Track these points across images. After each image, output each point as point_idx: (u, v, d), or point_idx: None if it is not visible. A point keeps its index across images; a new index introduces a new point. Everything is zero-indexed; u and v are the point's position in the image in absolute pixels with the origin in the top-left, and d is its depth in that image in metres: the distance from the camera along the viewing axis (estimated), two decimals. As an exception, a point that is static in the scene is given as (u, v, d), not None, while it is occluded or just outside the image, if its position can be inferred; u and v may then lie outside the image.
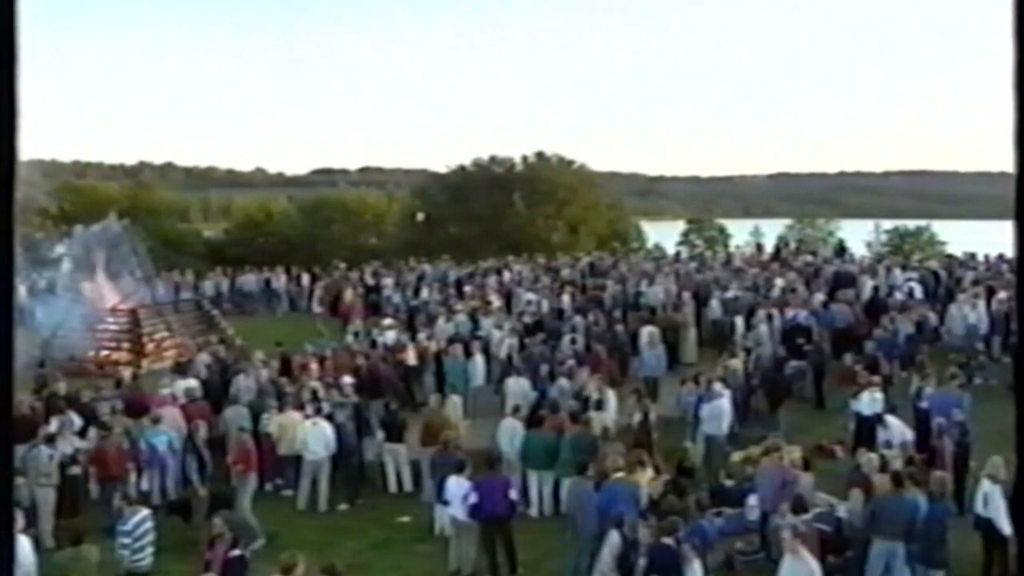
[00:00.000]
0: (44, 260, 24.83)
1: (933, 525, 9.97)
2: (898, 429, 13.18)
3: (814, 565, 8.71)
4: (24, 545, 9.22)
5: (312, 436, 13.37)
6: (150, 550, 10.15)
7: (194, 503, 12.41)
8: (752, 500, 11.31)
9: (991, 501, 10.20)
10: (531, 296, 23.75)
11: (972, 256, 26.80)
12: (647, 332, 19.05)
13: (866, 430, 13.62)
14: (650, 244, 44.32)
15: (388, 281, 28.07)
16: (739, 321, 20.77)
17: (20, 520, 9.89)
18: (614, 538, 9.51)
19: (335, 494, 13.52)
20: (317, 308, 27.08)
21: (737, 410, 14.61)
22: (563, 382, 15.57)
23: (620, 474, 11.01)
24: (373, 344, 19.51)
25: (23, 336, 18.42)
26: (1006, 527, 9.90)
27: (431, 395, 15.65)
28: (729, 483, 12.37)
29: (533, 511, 12.76)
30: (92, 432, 13.54)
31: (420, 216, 42.70)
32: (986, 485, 10.38)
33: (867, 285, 23.06)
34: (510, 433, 13.35)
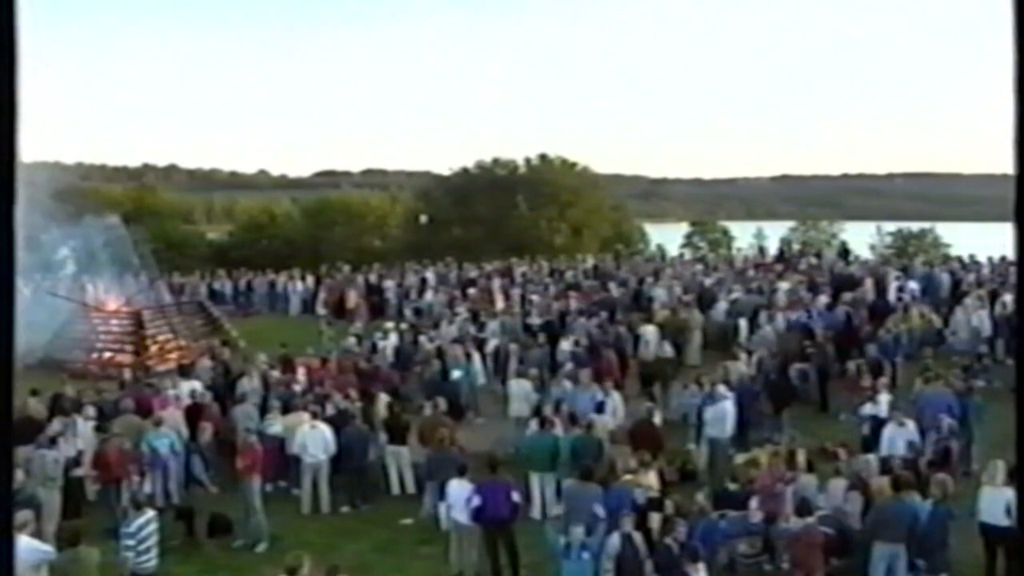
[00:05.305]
0: (48, 262, 24.86)
1: (934, 528, 9.93)
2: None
3: None
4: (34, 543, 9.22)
5: (311, 439, 13.32)
6: (155, 552, 10.14)
7: (197, 506, 12.40)
8: (755, 503, 11.29)
9: (1013, 508, 10.04)
10: (534, 298, 23.74)
11: (975, 260, 26.71)
12: (650, 331, 19.10)
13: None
14: (653, 246, 44.20)
15: (391, 283, 28.08)
16: (743, 323, 20.75)
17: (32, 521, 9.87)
18: (614, 541, 9.50)
19: (338, 496, 13.51)
20: (321, 310, 27.10)
21: (742, 413, 14.57)
22: (566, 384, 15.57)
23: (628, 476, 11.01)
24: (374, 347, 19.49)
25: (26, 338, 18.49)
26: None
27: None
28: (733, 486, 12.34)
29: (536, 513, 12.73)
30: (93, 434, 13.55)
31: (423, 218, 42.61)
32: (1006, 492, 10.26)
33: (870, 288, 23.03)
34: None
